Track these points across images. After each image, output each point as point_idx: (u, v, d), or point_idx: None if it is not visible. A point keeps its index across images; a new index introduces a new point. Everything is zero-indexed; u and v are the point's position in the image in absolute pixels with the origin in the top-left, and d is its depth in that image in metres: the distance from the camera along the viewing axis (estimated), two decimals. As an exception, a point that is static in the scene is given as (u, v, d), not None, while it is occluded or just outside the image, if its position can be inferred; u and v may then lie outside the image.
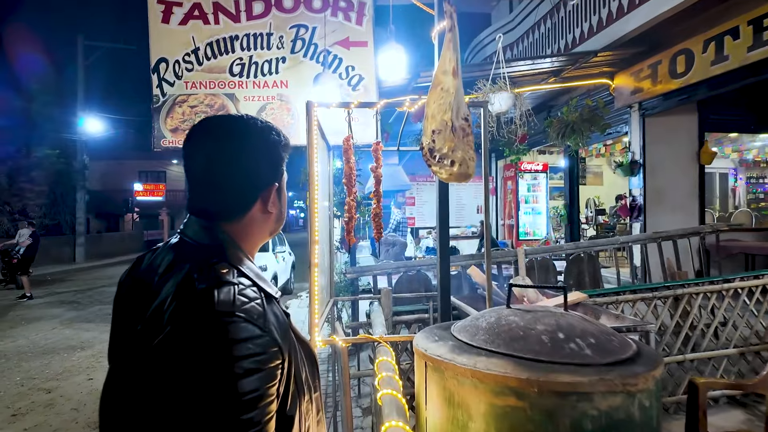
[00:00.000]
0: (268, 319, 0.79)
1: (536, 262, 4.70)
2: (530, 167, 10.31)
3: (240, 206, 0.94)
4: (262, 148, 0.95)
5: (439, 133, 1.29)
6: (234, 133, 0.93)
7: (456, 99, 1.28)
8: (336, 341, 1.98)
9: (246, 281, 0.83)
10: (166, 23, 3.54)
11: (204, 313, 0.75)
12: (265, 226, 0.99)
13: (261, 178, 0.95)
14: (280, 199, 1.01)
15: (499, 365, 1.25)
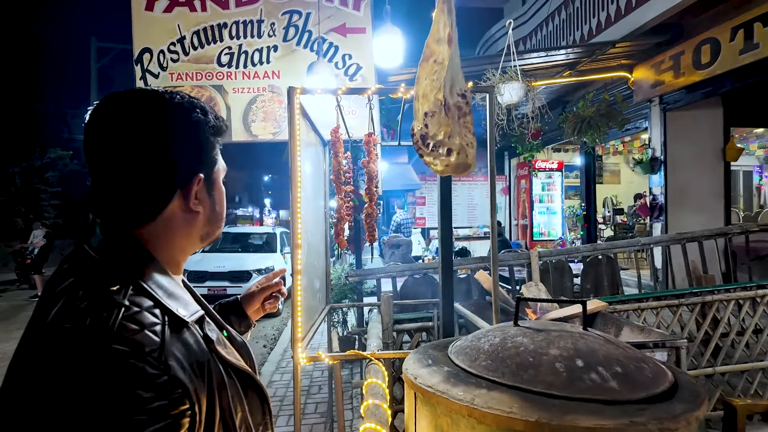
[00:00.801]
0: (167, 352, 0.62)
1: (551, 265, 4.42)
2: (545, 165, 9.99)
3: (149, 205, 0.75)
4: (179, 129, 0.74)
5: (432, 115, 1.07)
6: (139, 111, 0.72)
7: (450, 73, 1.05)
8: (322, 358, 1.76)
9: (146, 302, 0.66)
10: (150, 10, 3.36)
11: (65, 349, 0.58)
12: (192, 230, 0.80)
13: (178, 169, 0.75)
14: (212, 194, 0.82)
15: (502, 401, 1.02)
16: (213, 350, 0.73)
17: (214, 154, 0.83)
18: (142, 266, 0.72)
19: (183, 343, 0.66)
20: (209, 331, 0.75)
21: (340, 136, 2.02)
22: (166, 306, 0.68)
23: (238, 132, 3.53)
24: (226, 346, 0.79)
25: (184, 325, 0.69)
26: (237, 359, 0.80)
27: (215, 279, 8.37)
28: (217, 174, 0.84)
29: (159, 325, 0.64)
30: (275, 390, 4.80)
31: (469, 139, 1.10)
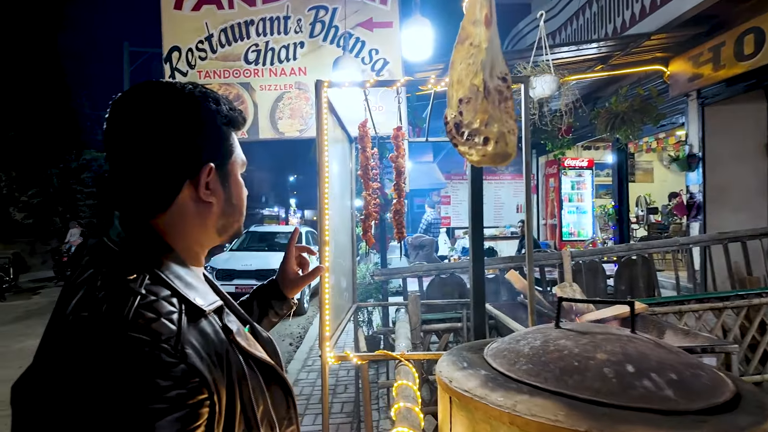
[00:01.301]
0: (184, 341, 0.61)
1: (583, 265, 4.27)
2: (574, 163, 9.71)
3: (159, 195, 0.74)
4: (188, 119, 0.74)
5: (467, 102, 1.00)
6: (148, 101, 0.73)
7: (489, 54, 0.98)
8: (350, 358, 1.72)
9: (163, 291, 0.66)
10: (179, 9, 3.40)
11: (82, 338, 0.57)
12: (207, 222, 0.79)
13: (186, 157, 0.74)
14: (226, 186, 0.80)
15: (546, 408, 0.95)
16: (233, 341, 0.72)
17: (228, 144, 0.81)
18: (159, 256, 0.72)
19: (200, 333, 0.66)
20: (229, 322, 0.74)
21: (368, 131, 1.97)
22: (183, 295, 0.67)
23: (265, 130, 3.53)
24: (247, 338, 0.78)
25: (201, 315, 0.68)
26: (259, 351, 0.79)
27: (243, 277, 8.48)
28: (233, 166, 0.82)
29: (176, 313, 0.64)
30: (302, 388, 4.80)
31: (510, 126, 1.03)
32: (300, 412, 4.26)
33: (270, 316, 1.16)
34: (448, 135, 1.12)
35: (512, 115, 1.05)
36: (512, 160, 1.22)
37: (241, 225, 0.87)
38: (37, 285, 12.55)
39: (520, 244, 7.99)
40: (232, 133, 0.82)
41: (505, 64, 1.06)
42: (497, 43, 1.04)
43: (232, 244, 10.40)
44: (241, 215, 0.85)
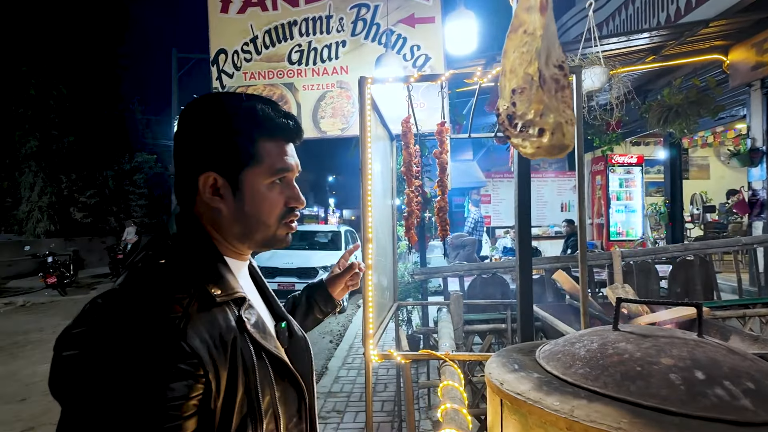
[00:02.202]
0: (188, 322, 0.67)
1: (635, 266, 4.07)
2: (623, 160, 9.28)
3: (182, 190, 0.83)
4: (213, 119, 0.80)
5: (521, 92, 0.96)
6: (187, 111, 0.82)
7: (545, 42, 0.93)
8: (394, 357, 1.70)
9: (184, 276, 0.73)
10: (225, 12, 3.51)
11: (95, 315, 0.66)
12: (222, 223, 0.82)
13: (199, 157, 0.80)
14: (238, 194, 0.81)
15: (607, 414, 0.89)
16: (245, 330, 0.76)
17: (248, 154, 0.80)
18: (191, 246, 0.78)
19: (208, 319, 0.70)
20: (248, 314, 0.78)
21: (410, 126, 1.95)
22: (200, 283, 0.73)
23: (308, 129, 3.58)
24: (265, 332, 0.81)
25: (213, 303, 0.72)
26: (275, 347, 0.82)
27: (284, 275, 8.66)
28: (251, 176, 0.81)
29: (187, 298, 0.69)
30: (342, 386, 4.84)
31: (567, 116, 0.97)
32: (340, 409, 4.30)
33: (315, 312, 1.24)
34: (501, 127, 1.08)
35: (569, 104, 0.99)
36: (564, 155, 1.16)
37: (272, 235, 0.86)
38: (94, 281, 13.33)
39: (565, 245, 7.72)
40: (263, 143, 0.82)
41: (562, 52, 1.01)
42: (553, 30, 0.99)
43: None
44: (262, 226, 0.84)
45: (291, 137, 0.87)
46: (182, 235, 0.80)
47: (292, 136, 0.87)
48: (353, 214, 51.75)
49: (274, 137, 0.83)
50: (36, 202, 14.80)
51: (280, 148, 0.84)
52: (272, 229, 0.84)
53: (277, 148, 0.83)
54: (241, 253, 0.87)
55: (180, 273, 0.73)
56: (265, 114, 0.82)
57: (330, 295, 1.27)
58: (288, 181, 0.86)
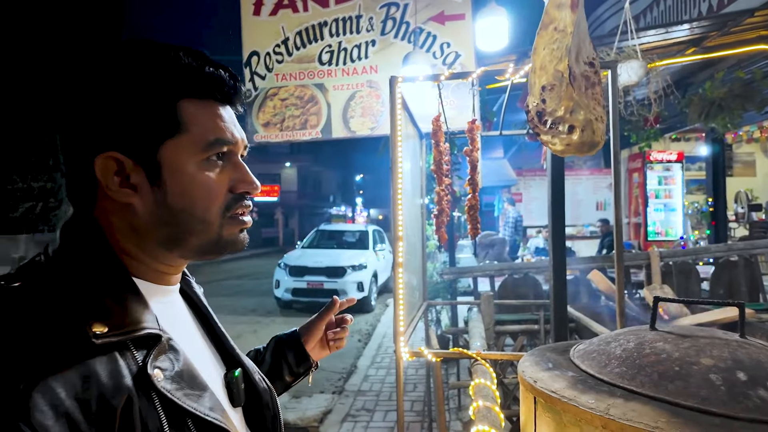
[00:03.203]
0: (34, 383, 0.43)
1: (674, 267, 3.92)
2: (661, 157, 8.94)
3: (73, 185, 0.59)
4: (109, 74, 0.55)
5: (551, 89, 0.95)
6: (79, 62, 0.57)
7: (576, 39, 0.92)
8: (425, 355, 1.71)
9: (44, 311, 0.48)
10: (257, 15, 3.62)
11: None
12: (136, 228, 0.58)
13: (93, 132, 0.55)
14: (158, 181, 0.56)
15: (644, 413, 0.88)
16: (152, 388, 0.51)
17: (158, 122, 0.56)
18: (75, 260, 0.54)
19: (80, 374, 0.46)
20: (163, 362, 0.53)
21: (441, 125, 1.95)
22: (74, 316, 0.48)
23: (338, 129, 3.63)
24: (194, 386, 0.55)
25: (89, 348, 0.47)
26: (210, 408, 0.55)
27: (313, 274, 8.77)
28: (173, 151, 0.56)
29: (40, 342, 0.45)
30: (371, 384, 4.87)
31: (598, 113, 0.96)
32: (370, 408, 4.33)
33: (285, 374, 0.94)
34: (530, 124, 1.07)
35: (600, 101, 0.98)
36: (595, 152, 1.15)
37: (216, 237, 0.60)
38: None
39: (600, 245, 7.52)
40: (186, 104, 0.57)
41: (593, 49, 0.99)
42: (584, 27, 0.98)
43: (304, 242, 10.82)
44: (196, 222, 0.58)
45: (227, 96, 0.61)
46: (65, 248, 0.55)
47: (228, 94, 0.61)
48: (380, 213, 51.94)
49: (203, 96, 0.59)
50: (79, 203, 15.57)
51: (212, 112, 0.59)
52: (214, 227, 0.59)
53: (208, 112, 0.59)
54: (167, 272, 0.62)
55: (39, 300, 0.48)
56: (186, 63, 0.57)
57: (305, 351, 0.95)
58: (231, 159, 0.62)
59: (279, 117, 3.65)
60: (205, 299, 0.75)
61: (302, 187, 33.41)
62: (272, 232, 29.38)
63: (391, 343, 6.44)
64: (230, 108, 0.63)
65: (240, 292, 10.97)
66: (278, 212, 30.03)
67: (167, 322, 0.57)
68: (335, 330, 0.99)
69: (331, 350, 1.00)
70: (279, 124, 3.64)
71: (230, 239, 0.61)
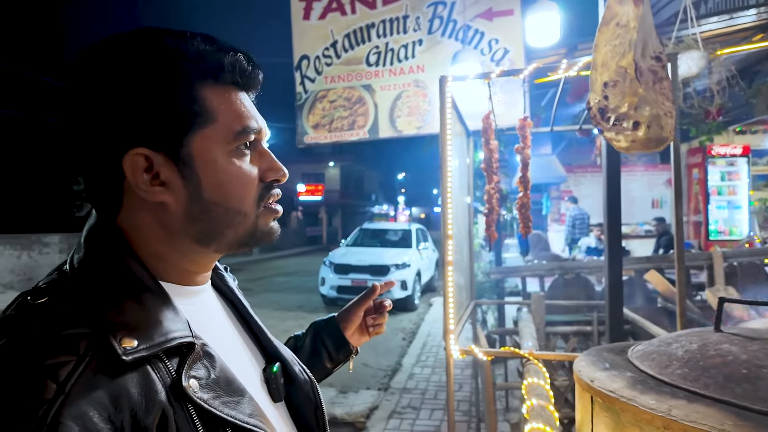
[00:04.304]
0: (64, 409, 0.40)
1: (739, 268, 3.69)
2: (724, 151, 8.38)
3: (96, 189, 0.56)
4: (127, 65, 0.52)
5: (614, 85, 0.94)
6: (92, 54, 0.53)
7: (641, 33, 0.90)
8: (476, 353, 1.72)
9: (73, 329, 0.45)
10: (307, 19, 3.73)
11: None
12: (169, 227, 0.55)
13: (117, 129, 0.52)
14: (189, 174, 0.54)
15: (709, 415, 0.86)
16: (187, 400, 0.49)
17: (186, 113, 0.53)
18: (101, 272, 0.52)
19: (111, 393, 0.44)
20: (198, 370, 0.51)
21: (491, 122, 1.95)
22: (103, 332, 0.46)
23: (385, 129, 3.68)
24: (232, 392, 0.54)
25: (119, 365, 0.45)
26: (249, 414, 0.53)
27: (357, 272, 8.89)
28: (204, 142, 0.54)
29: (70, 364, 0.43)
30: (417, 383, 4.90)
31: (666, 108, 0.94)
32: (416, 406, 4.36)
33: (324, 360, 0.92)
34: (593, 121, 1.06)
35: (669, 96, 0.95)
36: (662, 148, 1.12)
37: (252, 228, 0.59)
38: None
39: (656, 244, 7.16)
40: (207, 90, 0.55)
41: (659, 43, 0.97)
42: (650, 22, 0.96)
43: (348, 240, 10.98)
44: (232, 214, 0.57)
45: (247, 82, 0.59)
46: (89, 259, 0.53)
47: (247, 79, 0.59)
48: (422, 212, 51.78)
49: (223, 82, 0.56)
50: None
51: (236, 99, 0.57)
52: (250, 218, 0.58)
53: (232, 100, 0.57)
54: (197, 272, 0.61)
55: (67, 318, 0.46)
56: (204, 48, 0.55)
57: (344, 337, 0.93)
58: (257, 147, 0.60)
59: (328, 118, 3.74)
60: (239, 292, 0.73)
61: (345, 186, 33.87)
62: (316, 231, 30.02)
63: (435, 342, 6.43)
64: (246, 95, 0.60)
65: (287, 289, 11.28)
66: (322, 211, 30.59)
67: (200, 325, 0.55)
68: (374, 315, 0.97)
69: (370, 336, 0.98)
70: (328, 125, 3.72)
71: (265, 229, 0.60)
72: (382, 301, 0.96)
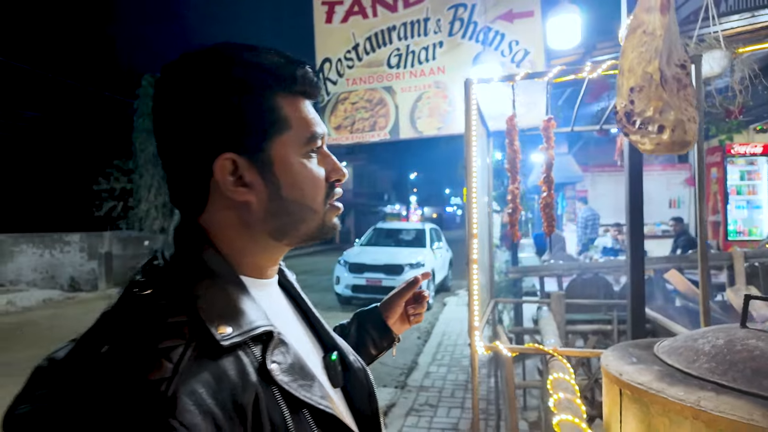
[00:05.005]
0: (179, 386, 0.46)
1: (761, 268, 3.66)
2: (744, 150, 8.24)
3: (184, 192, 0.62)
4: (214, 78, 0.58)
5: (640, 90, 0.98)
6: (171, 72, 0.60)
7: (666, 42, 0.94)
8: (500, 349, 1.76)
9: (177, 316, 0.51)
10: (329, 23, 3.79)
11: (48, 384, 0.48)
12: (250, 225, 0.61)
13: (207, 137, 0.58)
14: (269, 175, 0.60)
15: (738, 407, 0.89)
16: (273, 383, 0.54)
17: (273, 118, 0.60)
18: (193, 267, 0.58)
19: (214, 374, 0.49)
20: (277, 356, 0.57)
21: (515, 124, 1.99)
22: (202, 320, 0.52)
23: (405, 130, 3.74)
24: (305, 377, 0.59)
25: (219, 350, 0.51)
26: (321, 397, 0.59)
27: (372, 271, 8.95)
28: (282, 147, 0.61)
29: (180, 347, 0.48)
30: (433, 381, 4.94)
31: (690, 114, 0.98)
32: (433, 403, 4.40)
33: (369, 347, 0.98)
34: (619, 124, 1.10)
35: (692, 102, 0.99)
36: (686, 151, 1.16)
37: (321, 223, 0.65)
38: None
39: (674, 244, 7.09)
40: (282, 100, 0.61)
41: (684, 51, 1.01)
42: (675, 30, 1.00)
43: (362, 239, 11.04)
44: (306, 211, 0.63)
45: (313, 91, 0.65)
46: (181, 253, 0.59)
47: (313, 89, 0.65)
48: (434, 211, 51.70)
49: (294, 92, 0.62)
50: (153, 201, 16.81)
51: (305, 108, 0.63)
52: (320, 214, 0.65)
53: (302, 108, 0.63)
54: (268, 266, 0.67)
55: (171, 307, 0.52)
56: (277, 61, 0.61)
57: (386, 325, 0.99)
58: (321, 151, 0.66)
59: (349, 120, 3.80)
60: (298, 285, 0.78)
61: (358, 185, 33.97)
62: (337, 230, 30.20)
63: (450, 342, 6.46)
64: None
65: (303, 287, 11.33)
66: (339, 211, 30.69)
67: (271, 316, 0.60)
68: (414, 306, 1.03)
69: (411, 324, 1.05)
70: (349, 126, 3.78)
71: (330, 224, 0.67)
72: (421, 292, 1.03)
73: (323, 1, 3.81)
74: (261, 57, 0.60)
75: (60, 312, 8.97)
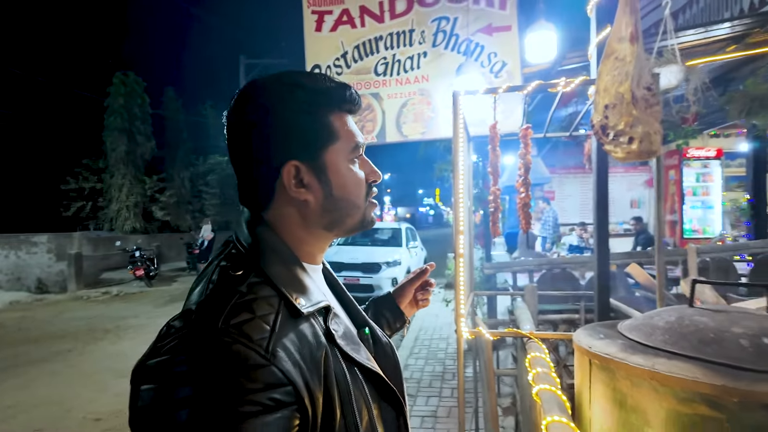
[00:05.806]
0: (276, 343, 0.59)
1: (712, 263, 4.01)
2: (699, 153, 8.81)
3: (254, 192, 0.75)
4: (282, 99, 0.71)
5: (613, 107, 1.17)
6: (245, 96, 0.73)
7: (636, 67, 1.14)
8: (483, 334, 1.94)
9: (264, 289, 0.64)
10: (319, 31, 3.92)
11: (181, 331, 0.59)
12: (307, 220, 0.75)
13: (276, 147, 0.71)
14: (323, 178, 0.73)
15: (685, 369, 1.09)
16: (335, 344, 0.68)
17: (325, 132, 0.73)
18: (269, 251, 0.71)
19: (297, 335, 0.63)
20: (335, 324, 0.71)
21: (497, 132, 2.18)
22: (284, 293, 0.65)
23: (392, 134, 3.91)
24: (354, 342, 0.74)
25: (300, 316, 0.65)
26: (367, 359, 0.74)
27: (349, 269, 9.06)
28: (333, 155, 0.74)
29: (272, 314, 0.62)
30: (411, 373, 5.12)
31: (655, 128, 1.18)
32: (412, 393, 4.58)
33: (384, 328, 1.11)
34: (595, 136, 1.30)
35: (658, 118, 1.20)
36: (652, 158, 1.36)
37: (362, 217, 0.79)
38: (174, 273, 14.56)
39: (635, 242, 7.54)
40: (333, 117, 0.74)
41: (651, 76, 1.21)
42: (643, 58, 1.20)
43: (339, 239, 11.11)
44: (352, 207, 0.77)
45: (356, 108, 0.79)
46: (257, 242, 0.71)
47: (356, 107, 0.79)
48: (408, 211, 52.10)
49: (343, 109, 0.76)
50: (124, 201, 16.34)
51: (349, 122, 0.77)
52: (361, 210, 0.78)
53: (347, 123, 0.76)
54: (319, 253, 0.80)
55: (260, 284, 0.65)
56: (329, 85, 0.74)
57: (399, 309, 1.15)
58: (361, 157, 0.79)
59: (339, 124, 3.92)
60: (330, 269, 0.91)
61: (331, 185, 33.66)
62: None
63: (426, 336, 6.66)
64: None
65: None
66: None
67: (325, 294, 0.74)
68: (422, 291, 1.19)
69: (419, 307, 1.20)
70: None
71: (369, 218, 0.80)
72: (428, 280, 1.19)
73: (313, 11, 3.95)
74: (317, 82, 0.74)
75: (28, 314, 8.68)
